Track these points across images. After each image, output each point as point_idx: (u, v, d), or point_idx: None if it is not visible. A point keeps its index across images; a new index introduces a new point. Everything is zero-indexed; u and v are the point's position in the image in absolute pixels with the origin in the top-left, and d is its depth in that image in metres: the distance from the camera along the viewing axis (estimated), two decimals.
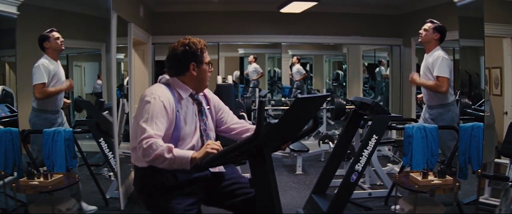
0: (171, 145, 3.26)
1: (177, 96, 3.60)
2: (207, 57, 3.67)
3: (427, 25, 6.27)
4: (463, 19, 6.45)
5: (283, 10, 8.62)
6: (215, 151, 3.22)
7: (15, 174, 5.50)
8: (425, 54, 6.42)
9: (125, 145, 7.83)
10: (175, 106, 3.51)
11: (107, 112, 6.57)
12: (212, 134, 3.83)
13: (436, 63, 6.13)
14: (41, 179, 5.08)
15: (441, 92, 6.17)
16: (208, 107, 3.87)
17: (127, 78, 8.30)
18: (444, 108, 6.27)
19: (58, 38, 5.81)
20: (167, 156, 3.21)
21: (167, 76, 3.73)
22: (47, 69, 5.70)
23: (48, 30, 5.79)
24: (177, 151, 3.26)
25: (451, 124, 6.17)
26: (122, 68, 8.64)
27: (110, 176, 7.00)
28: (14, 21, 5.45)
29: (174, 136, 3.46)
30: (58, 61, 5.94)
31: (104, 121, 6.38)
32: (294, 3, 7.98)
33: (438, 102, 6.26)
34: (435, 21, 6.27)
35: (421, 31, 6.31)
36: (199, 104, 3.74)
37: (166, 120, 3.41)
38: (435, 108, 6.32)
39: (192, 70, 3.62)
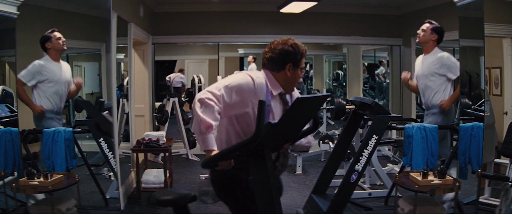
0: (213, 125, 3.36)
1: (270, 91, 3.68)
2: (303, 63, 3.76)
3: (425, 26, 6.25)
4: (463, 19, 6.45)
5: (283, 10, 8.62)
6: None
7: (15, 174, 5.50)
8: (423, 55, 6.41)
9: (125, 145, 7.83)
10: (266, 99, 3.59)
11: (107, 112, 6.57)
12: None
13: (451, 63, 6.19)
14: (41, 179, 5.09)
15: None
16: None
17: (127, 78, 8.30)
18: (436, 109, 6.32)
19: (59, 38, 5.81)
20: (203, 129, 3.35)
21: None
22: (38, 71, 5.71)
23: (49, 30, 5.79)
24: (210, 135, 3.37)
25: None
26: (122, 68, 8.65)
27: (110, 176, 7.00)
28: (14, 21, 5.45)
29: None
30: (60, 62, 5.93)
31: (104, 121, 6.38)
32: (294, 3, 7.98)
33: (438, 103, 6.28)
34: (433, 22, 6.26)
35: (419, 31, 6.30)
36: (285, 104, 3.83)
37: (239, 101, 3.52)
38: (434, 108, 6.32)
39: (287, 70, 3.70)
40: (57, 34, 5.81)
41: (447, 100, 6.22)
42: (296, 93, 3.95)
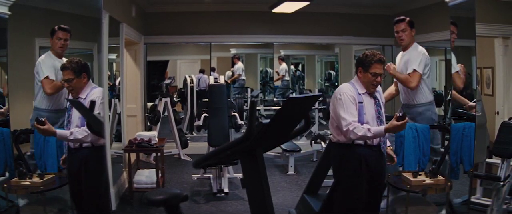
0: (369, 127, 4.48)
1: (358, 91, 4.66)
2: (373, 68, 4.63)
3: (403, 25, 6.02)
4: (455, 19, 6.44)
5: (275, 10, 8.62)
6: (399, 123, 4.38)
7: (7, 174, 5.47)
8: (402, 52, 6.26)
9: (116, 145, 7.81)
10: (357, 99, 4.61)
11: (98, 112, 6.54)
12: (384, 119, 4.76)
13: (414, 57, 5.97)
14: (33, 179, 5.07)
15: (409, 88, 6.00)
16: (383, 101, 4.94)
17: (119, 79, 8.28)
18: (423, 107, 6.12)
19: (60, 39, 5.64)
20: (369, 134, 4.43)
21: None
22: (49, 64, 5.58)
23: (60, 27, 5.61)
24: (373, 129, 4.46)
25: (430, 124, 6.10)
26: (114, 69, 8.63)
27: None
28: (5, 21, 5.42)
29: (359, 121, 4.54)
30: (63, 59, 5.79)
31: (96, 121, 6.36)
32: (286, 3, 7.97)
33: (416, 101, 6.10)
34: (400, 18, 6.09)
35: (400, 34, 6.07)
36: (375, 98, 4.75)
37: (355, 108, 4.56)
38: (413, 107, 6.20)
39: (359, 73, 4.72)
40: (60, 33, 5.63)
41: (392, 66, 6.17)
42: (380, 92, 4.89)
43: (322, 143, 8.95)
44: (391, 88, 6.58)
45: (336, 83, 13.18)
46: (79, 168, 4.98)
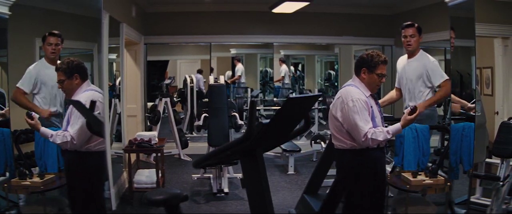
0: (387, 128, 4.43)
1: (365, 94, 4.50)
2: (379, 69, 4.50)
3: (412, 30, 5.95)
4: (455, 19, 6.44)
5: (275, 10, 8.61)
6: (412, 117, 4.45)
7: (7, 174, 5.47)
8: (406, 57, 6.22)
9: (117, 145, 7.81)
10: (369, 103, 4.45)
11: (98, 112, 6.53)
12: None
13: (433, 70, 5.91)
14: (33, 179, 5.07)
15: (448, 96, 6.09)
16: None
17: (119, 79, 8.28)
18: (427, 111, 5.99)
19: (51, 44, 5.60)
20: (389, 136, 4.39)
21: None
22: (33, 76, 5.54)
23: (49, 32, 5.60)
24: (390, 129, 4.44)
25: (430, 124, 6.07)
26: (114, 69, 8.63)
27: None
28: (6, 21, 5.42)
29: (373, 126, 4.39)
30: (57, 64, 5.75)
31: (96, 121, 6.35)
32: (286, 3, 7.97)
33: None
34: (409, 23, 6.05)
35: (408, 39, 6.00)
36: (375, 99, 4.66)
37: (368, 114, 4.39)
38: None
39: (363, 74, 4.53)
40: (51, 38, 5.59)
41: (422, 103, 5.96)
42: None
43: (322, 143, 8.95)
44: (392, 93, 6.57)
45: (336, 84, 13.17)
46: (65, 169, 5.01)
